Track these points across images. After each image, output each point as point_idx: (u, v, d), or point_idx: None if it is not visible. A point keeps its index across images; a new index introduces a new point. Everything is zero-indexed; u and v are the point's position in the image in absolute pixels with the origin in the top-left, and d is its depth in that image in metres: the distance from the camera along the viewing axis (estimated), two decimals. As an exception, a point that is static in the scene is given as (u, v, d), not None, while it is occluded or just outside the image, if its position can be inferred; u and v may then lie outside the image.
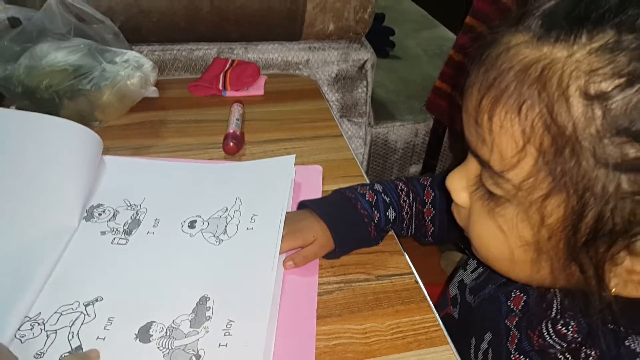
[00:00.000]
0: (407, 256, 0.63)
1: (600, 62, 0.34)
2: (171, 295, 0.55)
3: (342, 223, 0.62)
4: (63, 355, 0.49)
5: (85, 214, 0.66)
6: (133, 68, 0.84)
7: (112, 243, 0.62)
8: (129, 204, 0.68)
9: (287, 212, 0.64)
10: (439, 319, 0.56)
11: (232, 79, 0.99)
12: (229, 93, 0.99)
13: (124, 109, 0.86)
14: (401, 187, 0.68)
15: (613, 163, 0.34)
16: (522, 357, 0.50)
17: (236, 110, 0.89)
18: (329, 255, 0.62)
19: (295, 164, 0.75)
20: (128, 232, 0.64)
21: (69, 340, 0.51)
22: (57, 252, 0.59)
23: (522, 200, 0.40)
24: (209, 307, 0.54)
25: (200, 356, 0.50)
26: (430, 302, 0.57)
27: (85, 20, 0.89)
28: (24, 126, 0.67)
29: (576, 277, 0.40)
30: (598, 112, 0.34)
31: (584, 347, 0.44)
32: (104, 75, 0.82)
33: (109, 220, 0.65)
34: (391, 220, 0.65)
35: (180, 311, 0.53)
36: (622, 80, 0.33)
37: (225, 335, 0.51)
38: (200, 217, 0.66)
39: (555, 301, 0.48)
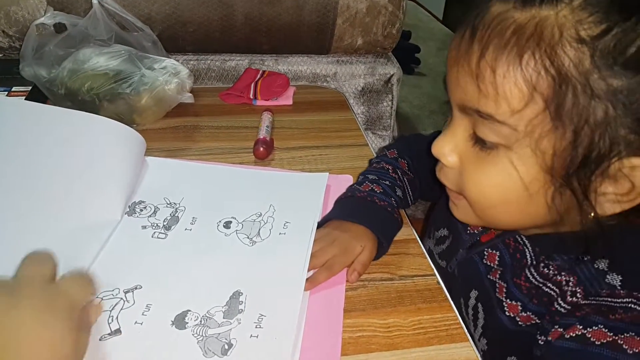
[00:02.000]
0: (429, 259, 0.65)
1: (583, 14, 0.42)
2: (206, 287, 0.58)
3: (376, 221, 0.65)
4: (102, 337, 0.52)
5: (128, 209, 0.69)
6: (170, 74, 0.88)
7: (152, 237, 0.65)
8: (168, 202, 0.71)
9: (320, 231, 0.65)
10: (459, 318, 0.57)
11: (262, 88, 1.03)
12: (259, 102, 1.02)
13: (160, 113, 0.90)
14: (385, 166, 0.74)
15: (602, 93, 0.42)
16: (513, 301, 0.56)
17: (266, 118, 0.93)
18: (377, 256, 0.64)
19: (322, 172, 0.78)
20: (167, 228, 0.67)
21: (108, 324, 0.53)
22: (100, 242, 0.63)
23: (524, 139, 0.46)
24: (242, 302, 0.56)
25: (232, 345, 0.52)
26: (452, 302, 0.59)
27: (126, 28, 0.93)
28: (74, 124, 0.71)
29: (565, 203, 0.47)
30: (587, 53, 0.41)
31: (563, 277, 0.51)
32: (143, 81, 0.86)
33: (150, 215, 0.69)
34: (401, 197, 0.71)
35: (214, 302, 0.56)
36: (603, 26, 0.41)
37: (256, 327, 0.54)
38: (235, 218, 0.69)
39: (527, 250, 0.56)
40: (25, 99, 0.89)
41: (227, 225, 0.68)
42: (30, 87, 0.92)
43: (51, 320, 0.42)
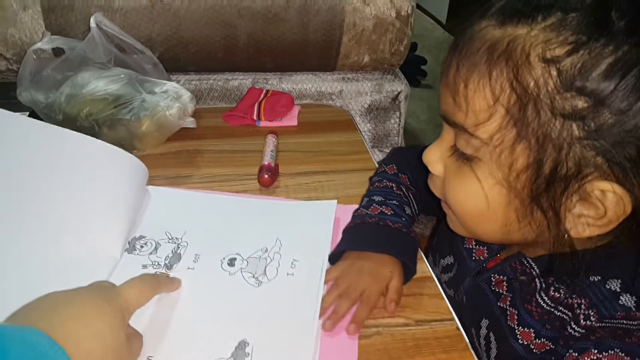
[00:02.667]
0: (447, 300, 0.62)
1: (552, 34, 0.43)
2: (210, 336, 0.55)
3: (395, 245, 0.64)
4: None
5: (128, 246, 0.66)
6: (172, 99, 0.85)
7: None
8: (170, 237, 0.68)
9: (341, 264, 0.63)
10: (481, 369, 0.54)
11: (266, 109, 1.00)
12: (263, 123, 0.99)
13: (161, 138, 0.87)
14: (388, 185, 0.74)
15: (566, 113, 0.42)
16: (526, 328, 0.55)
17: (270, 142, 0.90)
18: (406, 279, 0.62)
19: (330, 199, 0.75)
20: (169, 267, 0.64)
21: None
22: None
23: (492, 152, 0.47)
24: (248, 353, 0.53)
25: (238, 403, 0.49)
26: (473, 352, 0.56)
27: (126, 50, 0.90)
28: (76, 147, 0.68)
29: (538, 222, 0.48)
30: (553, 73, 0.42)
31: (575, 300, 0.50)
32: (144, 106, 0.83)
33: (151, 253, 0.65)
34: (410, 215, 0.70)
35: (218, 354, 0.53)
36: (570, 47, 0.42)
37: (264, 384, 0.51)
38: (240, 255, 0.65)
39: (534, 273, 0.56)
40: (22, 126, 0.86)
41: (231, 262, 0.65)
42: (27, 113, 0.89)
43: (104, 315, 0.45)
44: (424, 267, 0.67)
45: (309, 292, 0.60)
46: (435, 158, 0.55)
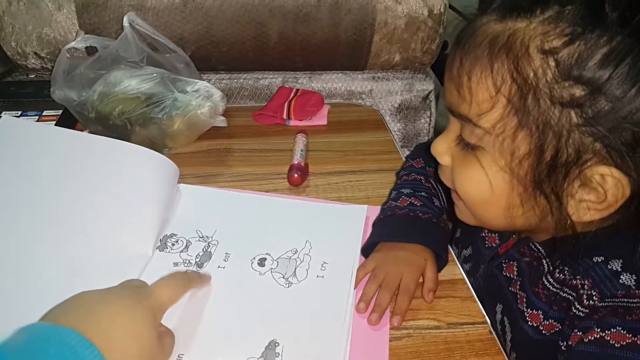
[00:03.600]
0: (479, 303, 0.61)
1: (550, 27, 0.45)
2: (240, 335, 0.55)
3: (427, 235, 0.65)
4: None
5: (159, 244, 0.66)
6: (203, 98, 0.85)
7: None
8: (201, 235, 0.68)
9: (375, 256, 0.64)
10: (515, 374, 0.53)
11: (296, 108, 1.00)
12: (293, 122, 0.99)
13: (193, 137, 0.88)
14: (416, 177, 0.75)
15: (564, 101, 0.44)
16: (534, 311, 0.56)
17: (300, 141, 0.89)
18: (438, 268, 0.64)
19: (360, 201, 0.75)
20: (200, 265, 0.64)
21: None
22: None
23: (495, 140, 0.49)
24: (278, 354, 0.53)
25: (269, 402, 0.49)
26: (506, 356, 0.54)
27: (158, 49, 0.91)
28: (106, 151, 0.69)
29: (542, 207, 0.50)
30: (552, 63, 0.44)
31: (579, 280, 0.51)
32: (176, 105, 0.83)
33: (182, 251, 0.66)
34: (439, 207, 0.71)
35: (249, 353, 0.52)
36: (566, 38, 0.44)
37: (294, 384, 0.50)
38: (270, 255, 0.65)
39: (542, 257, 0.58)
40: (56, 124, 0.88)
41: (261, 262, 0.64)
42: (60, 111, 0.90)
43: (138, 315, 0.45)
44: (456, 269, 0.66)
45: (339, 295, 0.60)
46: (442, 149, 0.57)
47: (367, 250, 0.66)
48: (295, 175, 0.80)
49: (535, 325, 0.56)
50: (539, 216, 0.51)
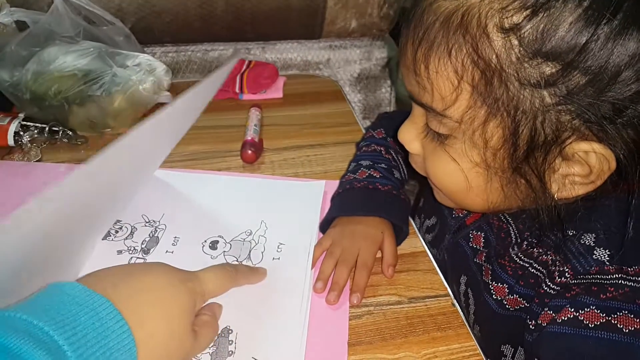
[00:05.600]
0: (441, 275, 0.58)
1: (508, 0, 0.39)
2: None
3: (386, 207, 0.62)
4: None
5: (101, 232, 0.61)
6: (145, 72, 0.79)
7: (129, 262, 0.58)
8: (147, 220, 0.64)
9: (331, 231, 0.61)
10: (479, 348, 0.50)
11: (249, 81, 0.95)
12: (246, 96, 0.94)
13: (136, 115, 0.82)
14: (376, 149, 0.72)
15: (534, 82, 0.40)
16: (499, 284, 0.54)
17: (254, 116, 0.85)
18: (399, 241, 0.62)
19: (319, 176, 0.71)
20: (146, 251, 0.59)
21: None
22: (75, 273, 0.55)
23: (466, 130, 0.45)
24: (232, 341, 0.49)
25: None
26: (469, 328, 0.52)
27: (95, 22, 0.84)
28: None
29: (523, 190, 0.46)
30: (515, 42, 0.40)
31: (549, 256, 0.49)
32: (115, 81, 0.78)
33: (126, 238, 0.61)
34: (399, 179, 0.68)
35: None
36: (528, 11, 0.39)
37: (249, 375, 0.47)
38: (223, 237, 0.61)
39: (511, 228, 0.55)
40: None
41: (213, 245, 0.60)
42: (-9, 93, 0.83)
43: (177, 295, 0.43)
44: (417, 242, 0.63)
45: (296, 276, 0.56)
46: (410, 137, 0.53)
47: (324, 226, 0.63)
48: (249, 151, 0.76)
49: (499, 298, 0.53)
50: (521, 197, 0.47)
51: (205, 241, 0.61)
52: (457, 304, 0.55)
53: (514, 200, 0.48)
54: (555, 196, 0.45)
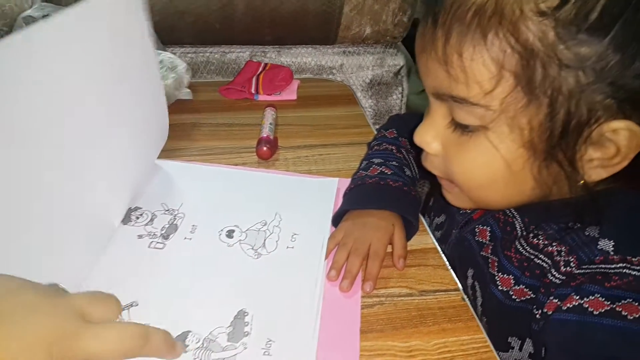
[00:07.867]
0: (452, 271, 0.60)
1: None
2: (208, 305, 0.53)
3: (397, 202, 0.64)
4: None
5: (123, 217, 0.64)
6: (167, 69, 0.82)
7: (149, 247, 0.60)
8: (166, 208, 0.66)
9: (343, 224, 0.63)
10: (488, 340, 0.52)
11: (264, 82, 0.97)
12: (261, 97, 0.97)
13: (157, 110, 0.85)
14: (388, 147, 0.73)
15: (572, 63, 0.41)
16: (505, 275, 0.55)
17: (269, 115, 0.87)
18: (408, 236, 0.63)
19: (332, 174, 0.73)
20: (165, 237, 0.61)
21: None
22: (94, 254, 0.57)
23: (503, 119, 0.45)
24: (247, 323, 0.51)
25: (237, 372, 0.47)
26: (479, 322, 0.54)
27: (120, 19, 0.87)
28: None
29: (554, 176, 0.47)
30: (552, 24, 0.41)
31: (555, 247, 0.50)
32: (138, 76, 0.80)
33: (147, 224, 0.63)
34: (410, 177, 0.69)
35: (217, 323, 0.51)
36: None
37: (264, 354, 0.48)
38: (238, 227, 0.63)
39: (516, 222, 0.56)
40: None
41: (229, 234, 0.62)
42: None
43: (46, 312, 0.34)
44: (428, 238, 0.65)
45: (310, 264, 0.58)
46: (429, 138, 0.53)
47: (336, 220, 0.65)
48: (264, 148, 0.78)
49: (505, 290, 0.54)
50: (550, 185, 0.48)
51: (222, 230, 0.63)
52: (467, 299, 0.56)
53: (541, 189, 0.49)
54: (585, 179, 0.46)
